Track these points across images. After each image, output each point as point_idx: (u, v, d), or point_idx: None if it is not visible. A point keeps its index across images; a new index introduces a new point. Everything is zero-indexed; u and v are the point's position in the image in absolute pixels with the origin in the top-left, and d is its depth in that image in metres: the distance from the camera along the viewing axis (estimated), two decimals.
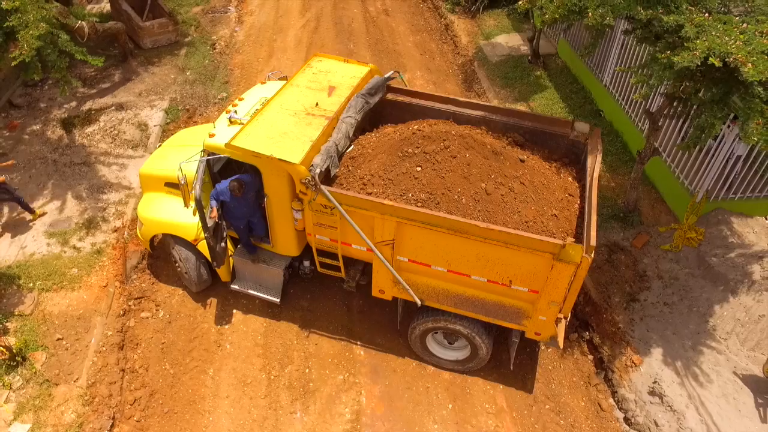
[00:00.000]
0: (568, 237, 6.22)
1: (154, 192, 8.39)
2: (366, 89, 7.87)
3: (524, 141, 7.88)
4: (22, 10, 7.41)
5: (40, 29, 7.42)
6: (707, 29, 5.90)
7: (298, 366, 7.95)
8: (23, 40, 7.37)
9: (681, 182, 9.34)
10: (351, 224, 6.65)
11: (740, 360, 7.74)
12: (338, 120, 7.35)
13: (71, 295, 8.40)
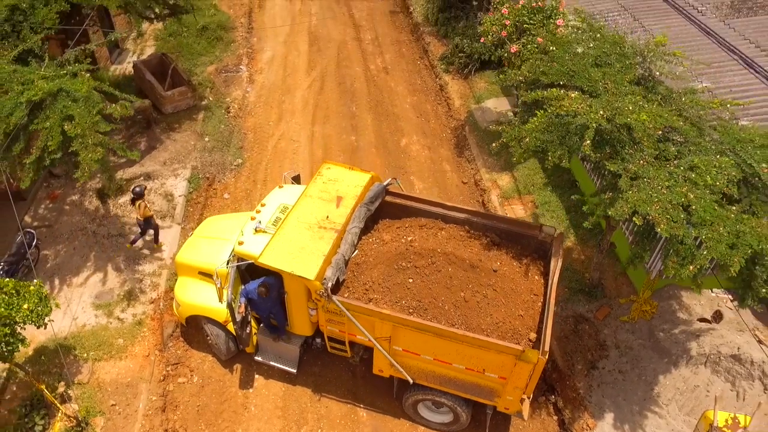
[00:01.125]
0: (527, 342, 8.07)
1: (189, 277, 10.17)
2: (368, 198, 9.66)
3: (500, 240, 9.70)
4: (81, 135, 9.14)
5: (98, 153, 9.16)
6: (639, 181, 7.65)
7: (312, 427, 9.76)
8: (84, 162, 9.13)
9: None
10: (356, 325, 8.46)
11: (677, 424, 9.57)
12: (345, 231, 9.13)
13: (119, 363, 10.20)
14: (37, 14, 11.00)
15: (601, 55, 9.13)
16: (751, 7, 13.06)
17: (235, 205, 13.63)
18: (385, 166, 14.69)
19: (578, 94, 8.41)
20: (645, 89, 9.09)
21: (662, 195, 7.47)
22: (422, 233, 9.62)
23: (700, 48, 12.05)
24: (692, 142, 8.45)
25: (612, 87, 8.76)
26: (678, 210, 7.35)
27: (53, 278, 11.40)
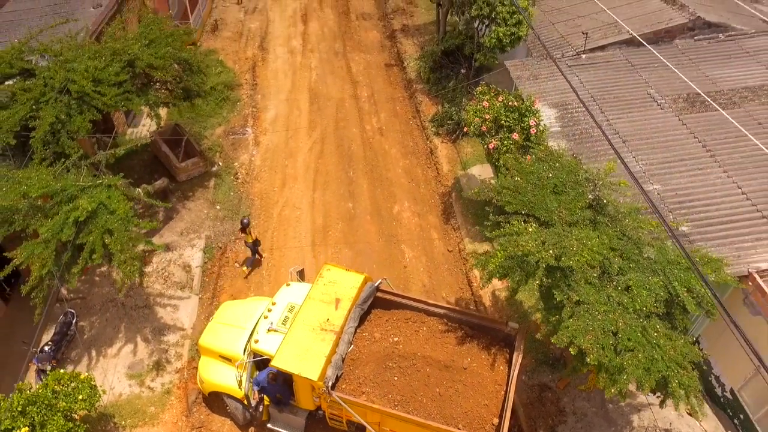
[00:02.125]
0: (490, 426, 10.17)
1: (212, 358, 12.24)
2: (361, 299, 11.72)
3: (472, 332, 11.77)
4: (120, 250, 11.16)
5: (135, 267, 11.20)
6: (581, 307, 9.66)
7: None
8: (124, 274, 11.19)
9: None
10: (352, 413, 10.56)
11: None
12: (343, 332, 11.19)
13: (152, 430, 12.33)
14: (73, 123, 12.91)
15: (558, 184, 11.10)
16: (703, 101, 14.94)
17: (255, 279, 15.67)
18: (379, 234, 16.70)
19: (535, 228, 10.40)
20: (595, 212, 11.08)
21: (597, 322, 9.49)
22: (407, 329, 11.73)
23: (655, 146, 13.98)
24: (632, 259, 10.49)
25: (566, 215, 10.75)
26: (608, 336, 9.38)
27: (90, 349, 13.47)
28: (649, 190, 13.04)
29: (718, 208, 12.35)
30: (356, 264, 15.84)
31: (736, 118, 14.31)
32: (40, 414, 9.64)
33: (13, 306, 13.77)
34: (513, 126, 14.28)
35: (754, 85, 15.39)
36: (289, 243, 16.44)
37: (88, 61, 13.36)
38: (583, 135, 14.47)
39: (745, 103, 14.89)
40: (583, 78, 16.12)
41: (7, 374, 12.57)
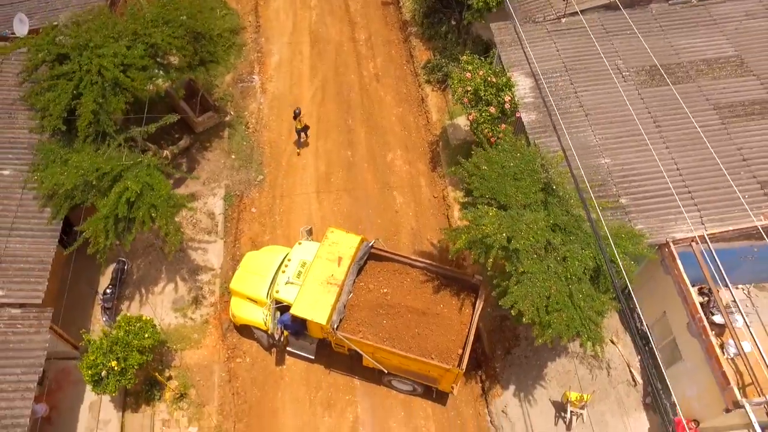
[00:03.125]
0: (456, 355, 14.01)
1: (242, 300, 15.87)
2: (359, 257, 15.09)
3: (449, 279, 15.27)
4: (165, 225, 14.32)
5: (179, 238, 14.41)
6: (524, 276, 12.97)
7: (325, 390, 16.09)
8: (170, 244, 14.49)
9: None
10: (351, 345, 14.37)
11: (554, 394, 15.88)
12: (344, 284, 14.67)
13: (197, 352, 16.31)
14: (109, 104, 15.38)
15: (517, 172, 13.92)
16: (663, 75, 17.10)
17: (261, 218, 18.89)
18: (375, 181, 19.67)
19: (494, 212, 13.41)
20: (546, 194, 14.03)
21: (535, 288, 12.86)
22: (394, 281, 15.25)
23: (613, 120, 16.45)
24: (572, 233, 13.67)
25: (522, 198, 13.72)
26: (542, 300, 12.80)
27: (140, 288, 17.11)
28: (600, 163, 15.84)
29: (654, 182, 15.21)
30: (354, 210, 19.05)
31: (687, 93, 16.67)
32: (123, 351, 13.43)
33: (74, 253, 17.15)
34: (491, 100, 16.69)
35: (711, 58, 17.45)
36: (297, 190, 19.49)
37: (114, 44, 15.52)
38: (551, 107, 16.87)
39: (699, 78, 17.09)
40: (560, 45, 18.09)
41: (79, 310, 16.27)
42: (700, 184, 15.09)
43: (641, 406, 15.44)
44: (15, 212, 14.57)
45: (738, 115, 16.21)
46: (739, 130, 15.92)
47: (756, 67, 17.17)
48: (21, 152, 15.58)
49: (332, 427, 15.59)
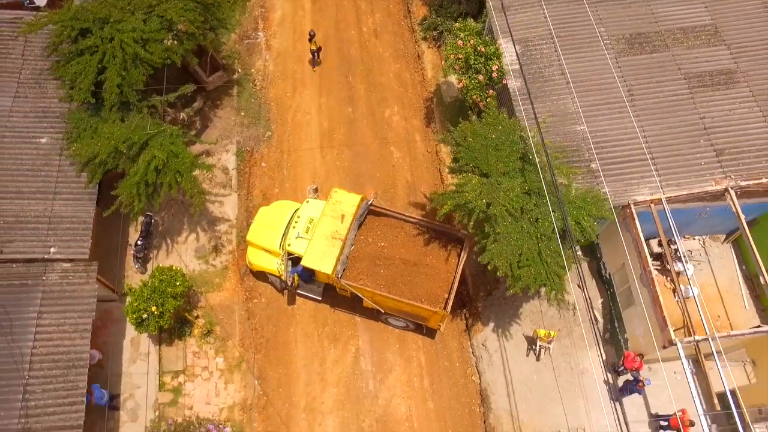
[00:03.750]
0: (442, 299, 16.71)
1: (258, 250, 18.39)
2: (359, 214, 17.44)
3: (437, 233, 17.70)
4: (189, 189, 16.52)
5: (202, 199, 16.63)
6: (501, 236, 15.34)
7: (331, 326, 18.97)
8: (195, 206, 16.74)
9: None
10: (353, 291, 17.05)
11: (527, 330, 18.73)
12: (347, 239, 17.10)
13: (219, 294, 19.05)
14: (131, 76, 17.15)
15: (498, 143, 15.94)
16: (640, 43, 18.61)
17: (270, 173, 21.06)
18: (374, 137, 21.66)
19: (477, 180, 15.57)
20: (524, 162, 16.12)
21: (510, 247, 15.28)
22: (390, 234, 17.68)
23: (591, 88, 18.18)
24: (545, 197, 15.92)
25: (501, 167, 15.84)
26: (515, 257, 15.25)
27: (166, 239, 19.59)
28: (577, 130, 17.77)
29: (623, 149, 17.24)
30: (354, 164, 21.18)
31: (661, 62, 18.31)
32: (160, 298, 16.12)
33: (104, 208, 19.49)
34: (480, 68, 18.36)
35: (687, 26, 18.87)
36: (303, 145, 21.53)
37: (131, 18, 17.08)
38: (536, 75, 18.54)
39: (675, 46, 18.62)
40: (549, 12, 19.43)
41: (113, 259, 18.85)
42: (663, 151, 17.12)
43: (601, 341, 18.34)
44: (56, 178, 16.78)
45: (705, 84, 17.94)
46: (704, 100, 17.72)
47: (728, 37, 18.65)
48: (54, 121, 17.55)
49: (337, 357, 18.57)
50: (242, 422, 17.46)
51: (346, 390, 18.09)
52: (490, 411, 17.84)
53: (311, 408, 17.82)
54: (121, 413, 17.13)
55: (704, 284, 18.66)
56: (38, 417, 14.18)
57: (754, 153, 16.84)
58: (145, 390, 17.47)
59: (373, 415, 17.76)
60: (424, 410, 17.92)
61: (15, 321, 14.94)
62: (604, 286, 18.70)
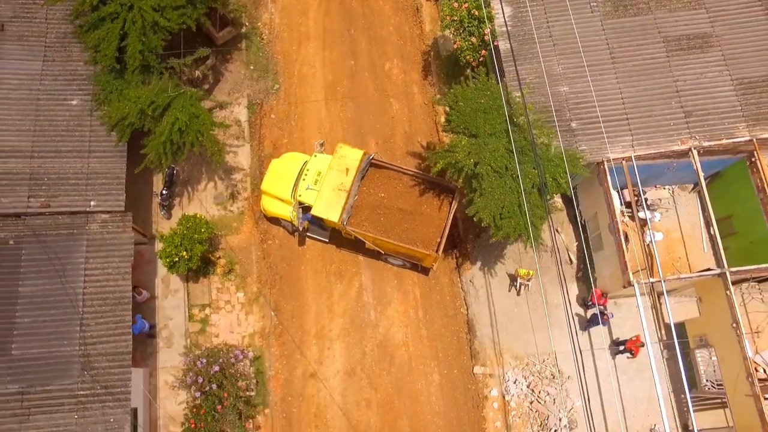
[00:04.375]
0: (435, 243, 19.24)
1: (271, 198, 20.70)
2: (362, 168, 19.61)
3: (431, 184, 19.96)
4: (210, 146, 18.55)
5: (221, 154, 18.69)
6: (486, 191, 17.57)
7: (337, 264, 21.61)
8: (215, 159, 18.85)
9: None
10: (357, 236, 19.54)
11: (509, 269, 21.34)
12: (351, 190, 19.37)
13: (237, 236, 21.56)
14: (150, 41, 18.74)
15: (487, 107, 17.82)
16: (625, 5, 19.92)
17: (279, 124, 22.96)
18: (375, 89, 23.37)
19: (466, 141, 17.59)
20: (511, 124, 18.06)
21: (493, 201, 17.54)
22: (389, 185, 19.95)
23: (576, 50, 19.66)
24: (527, 155, 18.00)
25: (489, 128, 17.81)
26: (498, 209, 17.55)
27: (188, 187, 21.84)
28: (560, 91, 19.52)
29: (601, 110, 19.00)
30: (357, 116, 23.04)
31: (643, 25, 19.77)
32: (189, 244, 18.64)
33: (132, 162, 21.55)
34: (473, 31, 19.85)
35: None
36: (309, 98, 23.29)
37: None
38: (525, 37, 19.99)
39: (657, 9, 19.92)
40: None
41: (141, 206, 21.18)
42: (638, 112, 18.97)
43: (574, 279, 21.03)
44: (89, 137, 18.83)
45: (682, 48, 19.47)
46: (679, 63, 19.33)
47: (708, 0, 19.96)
48: (82, 83, 19.33)
49: (343, 291, 21.35)
50: (262, 347, 20.51)
51: (351, 319, 21.00)
52: (475, 338, 20.82)
53: (321, 335, 20.80)
54: (157, 341, 20.14)
55: (670, 229, 21.11)
56: (94, 345, 17.10)
57: (719, 115, 18.70)
58: (176, 321, 20.40)
59: (374, 341, 20.76)
60: (419, 337, 20.91)
61: (67, 266, 17.54)
62: (579, 231, 21.13)
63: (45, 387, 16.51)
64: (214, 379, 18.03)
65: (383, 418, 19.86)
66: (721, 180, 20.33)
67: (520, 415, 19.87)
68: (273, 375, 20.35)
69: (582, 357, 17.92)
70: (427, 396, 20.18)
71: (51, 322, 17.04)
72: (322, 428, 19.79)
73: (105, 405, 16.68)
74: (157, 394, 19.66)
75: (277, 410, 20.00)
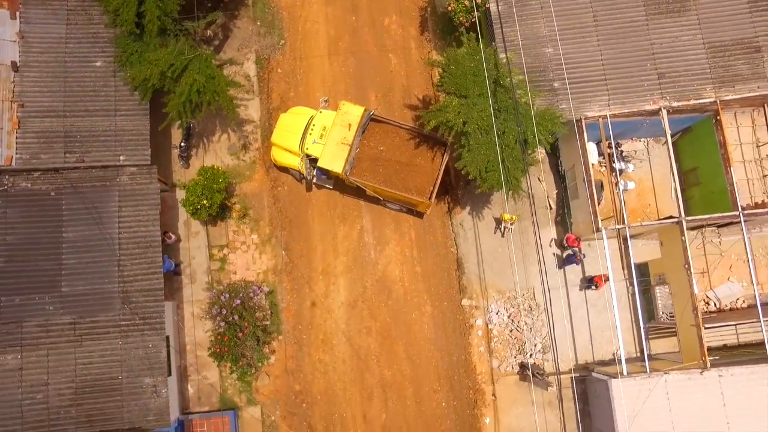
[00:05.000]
0: (428, 190, 21.58)
1: (281, 150, 22.82)
2: (362, 124, 21.62)
3: (426, 138, 22.04)
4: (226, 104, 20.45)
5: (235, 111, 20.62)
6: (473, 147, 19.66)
7: (341, 209, 24.01)
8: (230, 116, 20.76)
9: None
10: (360, 185, 21.84)
11: (495, 213, 23.73)
12: (353, 143, 21.46)
13: (250, 184, 23.86)
14: (167, 6, 20.27)
15: (476, 70, 19.59)
16: None
17: (286, 78, 24.69)
18: (374, 44, 24.89)
19: (456, 101, 19.50)
20: (496, 85, 19.89)
21: (480, 155, 19.68)
22: (387, 139, 22.03)
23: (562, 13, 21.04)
24: (511, 113, 19.97)
25: (478, 90, 19.67)
26: (484, 163, 19.72)
27: (203, 139, 23.90)
28: (545, 52, 21.14)
29: (581, 70, 20.78)
30: (358, 70, 24.69)
31: None
32: (209, 193, 20.99)
33: (154, 119, 23.43)
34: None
35: None
36: (313, 53, 24.86)
37: None
38: None
39: None
40: None
41: (162, 157, 23.30)
42: (615, 73, 20.70)
43: (552, 223, 23.47)
44: (114, 97, 20.75)
45: (660, 12, 20.89)
46: (656, 26, 20.83)
47: None
48: (104, 45, 21.00)
49: (345, 233, 23.88)
50: (275, 283, 23.29)
51: (353, 258, 23.66)
52: (463, 274, 23.55)
53: (327, 272, 23.53)
54: (182, 277, 22.90)
55: (643, 179, 23.33)
56: (131, 283, 19.81)
57: (689, 77, 20.45)
58: (198, 260, 23.08)
59: (373, 277, 23.50)
60: (413, 273, 23.63)
61: (102, 214, 19.97)
62: (559, 180, 23.35)
63: (93, 318, 19.38)
64: (236, 311, 20.91)
65: (381, 344, 22.91)
66: (691, 134, 22.31)
67: (501, 341, 22.89)
68: (285, 307, 23.25)
69: (550, 292, 20.89)
70: (420, 325, 23.14)
71: (93, 263, 19.68)
72: (328, 352, 22.89)
73: (144, 333, 19.60)
74: (184, 324, 22.65)
75: (289, 337, 23.04)
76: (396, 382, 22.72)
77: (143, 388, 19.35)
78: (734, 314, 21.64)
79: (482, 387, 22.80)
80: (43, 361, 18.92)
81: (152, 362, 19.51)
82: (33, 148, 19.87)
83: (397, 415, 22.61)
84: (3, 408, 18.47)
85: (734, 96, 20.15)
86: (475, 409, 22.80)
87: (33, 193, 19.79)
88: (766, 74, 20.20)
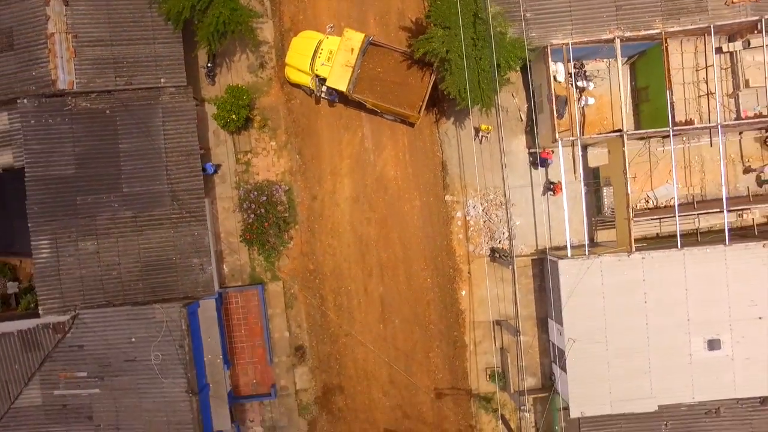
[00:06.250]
0: (418, 106, 25.83)
1: (294, 69, 26.70)
2: (363, 48, 25.40)
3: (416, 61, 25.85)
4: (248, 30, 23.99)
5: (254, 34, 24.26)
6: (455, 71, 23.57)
7: (345, 119, 28.24)
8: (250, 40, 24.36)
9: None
10: (361, 100, 26.03)
11: (475, 123, 27.97)
12: (355, 66, 25.33)
13: (267, 98, 27.96)
14: None
15: (461, 5, 23.01)
16: None
17: (295, 1, 27.90)
18: None
19: (442, 32, 23.14)
20: (476, 18, 23.38)
21: (459, 79, 23.65)
22: (384, 61, 25.83)
23: None
24: (487, 41, 23.70)
25: (460, 20, 23.23)
26: (465, 83, 23.74)
27: (225, 59, 27.60)
28: None
29: (551, 3, 24.07)
30: (362, 10, 27.81)
31: None
32: (236, 108, 25.28)
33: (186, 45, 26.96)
34: None
35: None
36: None
37: None
38: None
39: None
40: None
41: (191, 76, 27.14)
42: (579, 5, 24.06)
43: (523, 132, 27.80)
44: (152, 26, 24.37)
45: None
46: None
47: None
48: None
49: (349, 139, 28.34)
50: (291, 182, 28.16)
51: (356, 161, 28.35)
52: (447, 175, 28.30)
53: (334, 172, 28.32)
54: (215, 178, 27.75)
55: (603, 95, 27.28)
56: (177, 183, 24.68)
57: (643, 10, 23.84)
58: (227, 164, 27.80)
59: (373, 176, 28.31)
60: (406, 173, 28.38)
61: (150, 128, 24.42)
62: (530, 96, 27.35)
63: (149, 213, 24.49)
64: (262, 205, 26.01)
65: (379, 232, 28.20)
66: (646, 57, 25.97)
67: (477, 230, 28.13)
68: (300, 202, 28.29)
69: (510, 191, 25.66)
70: (410, 216, 28.29)
71: (146, 169, 24.45)
72: (336, 238, 28.25)
73: (190, 224, 24.80)
74: (218, 216, 27.84)
75: (304, 226, 28.31)
76: (391, 262, 28.28)
77: (192, 267, 24.89)
78: (666, 210, 26.57)
79: (460, 266, 28.37)
80: (114, 247, 24.31)
81: (198, 246, 24.89)
82: (89, 73, 23.91)
83: (392, 289, 28.39)
84: (88, 281, 24.13)
85: (679, 28, 23.68)
86: (454, 283, 28.53)
87: (92, 111, 24.14)
88: (707, 8, 23.57)
